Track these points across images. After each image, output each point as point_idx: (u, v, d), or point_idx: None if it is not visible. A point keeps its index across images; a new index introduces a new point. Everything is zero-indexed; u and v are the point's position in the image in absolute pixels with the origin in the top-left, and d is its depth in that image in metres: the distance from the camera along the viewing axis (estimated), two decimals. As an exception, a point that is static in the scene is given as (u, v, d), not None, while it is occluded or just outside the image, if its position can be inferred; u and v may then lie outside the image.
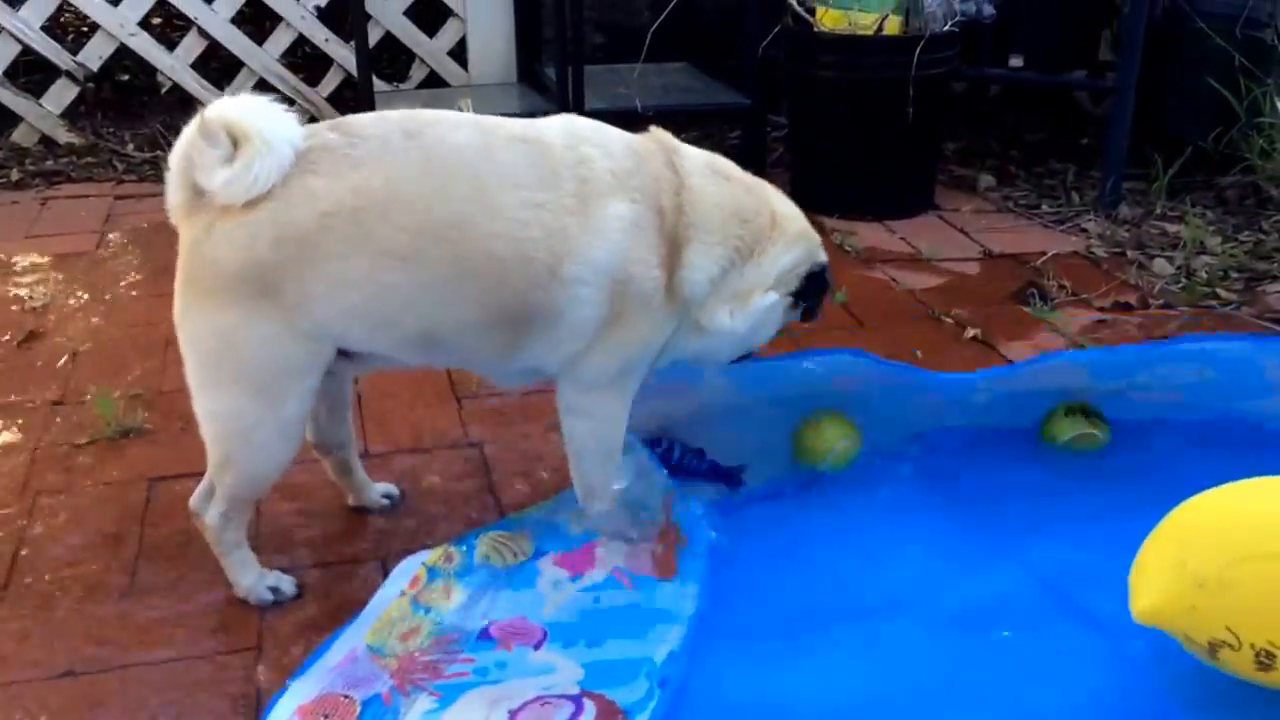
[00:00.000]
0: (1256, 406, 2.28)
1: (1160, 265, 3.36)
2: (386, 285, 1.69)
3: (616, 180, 1.77)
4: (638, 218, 1.76)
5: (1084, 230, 3.68)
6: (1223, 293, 3.19)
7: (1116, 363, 2.30)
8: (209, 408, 1.76)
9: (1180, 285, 3.23)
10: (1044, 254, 3.47)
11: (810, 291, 1.99)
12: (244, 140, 1.62)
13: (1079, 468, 2.24)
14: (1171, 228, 3.65)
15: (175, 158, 1.68)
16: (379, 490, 2.18)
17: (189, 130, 1.65)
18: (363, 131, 1.71)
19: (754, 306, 1.91)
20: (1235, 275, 3.31)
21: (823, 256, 2.01)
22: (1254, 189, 3.88)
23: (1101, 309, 3.09)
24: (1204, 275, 3.30)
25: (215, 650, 1.80)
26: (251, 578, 1.89)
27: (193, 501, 1.88)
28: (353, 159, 1.68)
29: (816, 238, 2.02)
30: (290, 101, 1.69)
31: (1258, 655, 1.57)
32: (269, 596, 1.89)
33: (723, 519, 2.06)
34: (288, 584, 1.92)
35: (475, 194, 1.70)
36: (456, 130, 1.75)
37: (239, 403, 1.73)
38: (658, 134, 1.92)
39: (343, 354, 1.79)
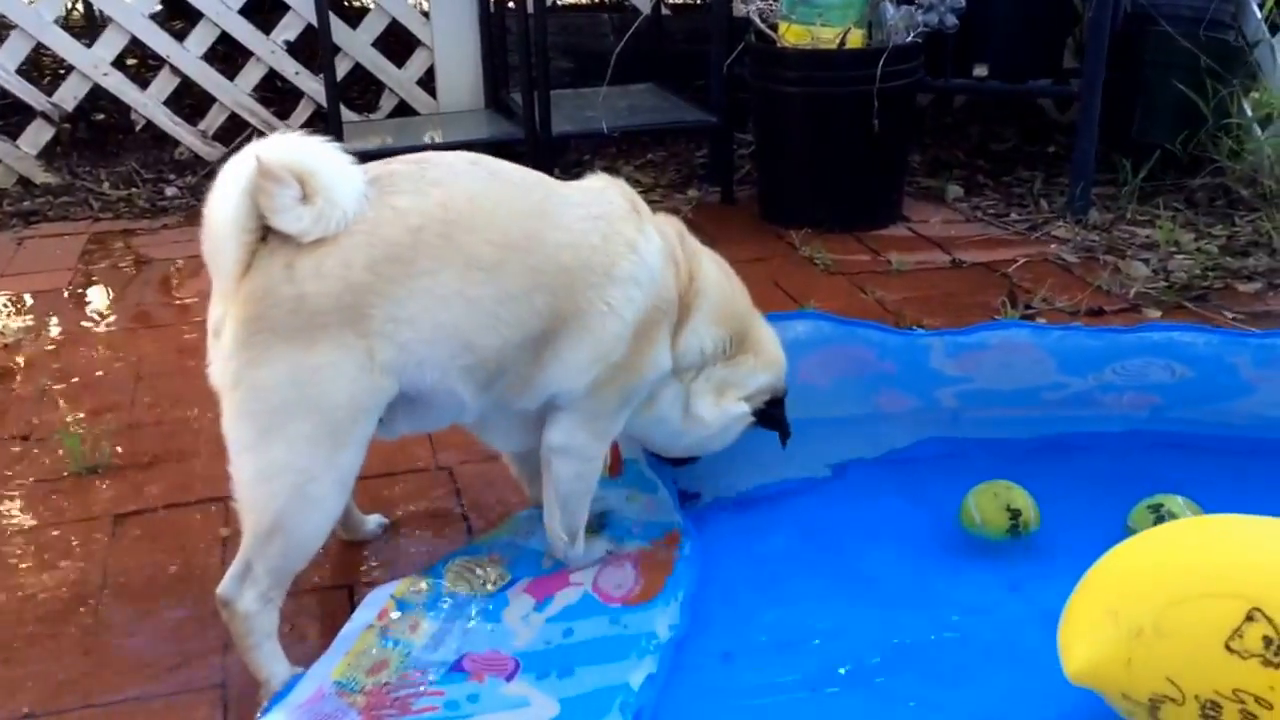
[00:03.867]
0: (1233, 408, 2.27)
1: (1135, 268, 3.38)
2: (472, 299, 1.69)
3: (653, 218, 1.92)
4: (667, 254, 1.88)
5: (1054, 237, 3.69)
6: (1198, 291, 3.21)
7: (1080, 352, 2.25)
8: (262, 465, 1.65)
9: (1156, 287, 3.24)
10: (1014, 261, 3.48)
11: (771, 416, 2.08)
12: (310, 175, 1.59)
13: (1058, 478, 2.21)
14: (1143, 231, 3.67)
15: (231, 213, 1.58)
16: (373, 522, 2.17)
17: (240, 182, 1.57)
18: (428, 158, 1.77)
19: (729, 409, 2.00)
20: (1211, 274, 3.33)
21: (785, 381, 2.09)
22: (1224, 190, 3.90)
23: (1074, 313, 3.10)
24: (1182, 275, 3.31)
25: (179, 689, 1.78)
26: (285, 671, 1.75)
27: (222, 589, 1.70)
28: (430, 179, 1.71)
29: (784, 365, 2.10)
30: (262, 134, 1.66)
31: (1204, 708, 1.46)
32: None
33: (697, 533, 2.07)
34: None
35: (540, 211, 1.78)
36: (508, 163, 1.85)
37: (301, 454, 1.64)
38: (671, 218, 2.01)
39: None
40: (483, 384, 1.79)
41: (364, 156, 1.74)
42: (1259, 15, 3.92)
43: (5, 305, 3.38)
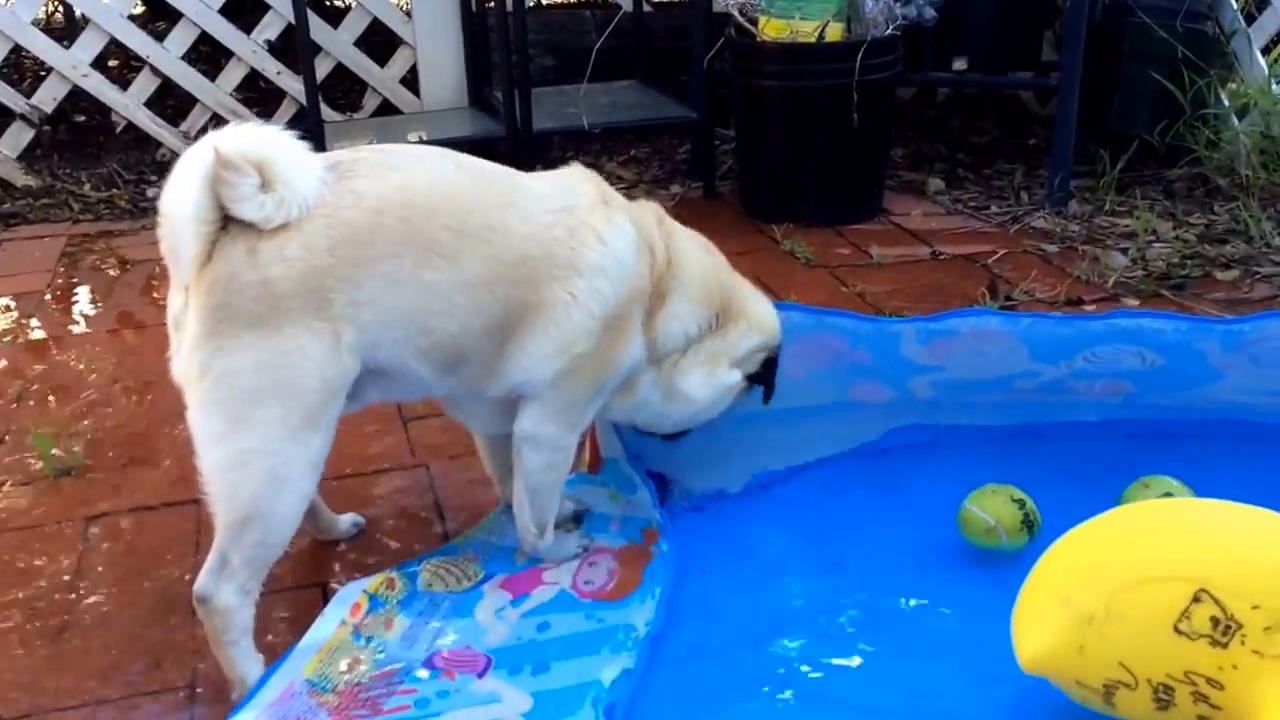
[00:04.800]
0: (1203, 394, 2.27)
1: (1114, 258, 3.39)
2: (429, 284, 1.70)
3: (625, 206, 1.91)
4: (639, 244, 1.87)
5: (1034, 229, 3.70)
6: (1177, 280, 3.22)
7: (1052, 339, 2.25)
8: (233, 452, 1.64)
9: (1134, 276, 3.25)
10: (994, 253, 3.49)
11: (767, 376, 2.06)
12: (269, 164, 1.60)
13: (1032, 469, 2.20)
14: (1122, 221, 3.67)
15: (190, 205, 1.58)
16: (346, 521, 2.17)
17: (199, 174, 1.58)
18: (394, 148, 1.79)
19: (719, 380, 1.99)
20: (1190, 262, 3.34)
21: (779, 340, 2.08)
22: (1202, 180, 3.91)
23: (1053, 303, 3.10)
24: (1160, 264, 3.32)
25: (148, 691, 1.78)
26: (259, 671, 1.74)
27: (199, 586, 1.69)
28: (390, 164, 1.73)
29: (778, 324, 2.09)
30: None
31: (1156, 692, 1.48)
32: None
33: (674, 530, 2.07)
34: None
35: (505, 201, 1.78)
36: (476, 159, 1.85)
37: (276, 439, 1.65)
38: (649, 203, 2.01)
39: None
40: (443, 367, 1.79)
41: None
42: (1235, 6, 3.94)
43: (-16, 308, 3.37)
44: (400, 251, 1.68)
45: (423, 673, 1.76)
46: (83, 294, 3.48)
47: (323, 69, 4.54)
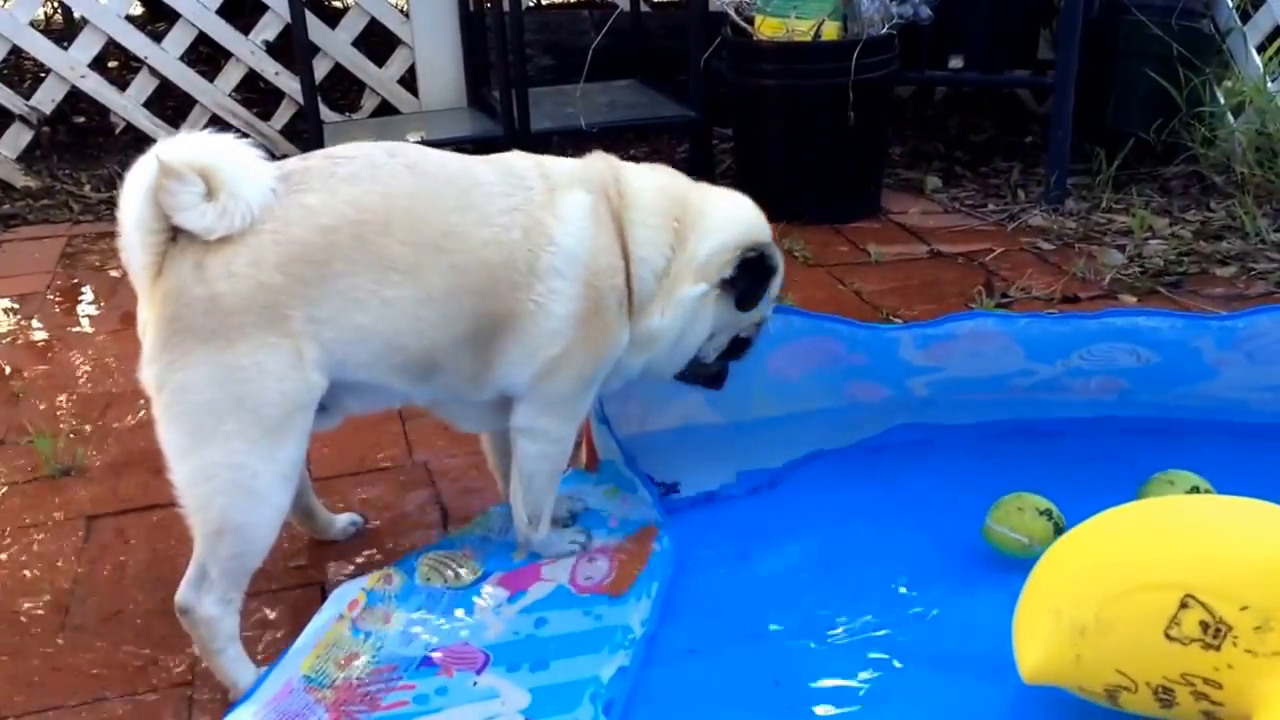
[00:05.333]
0: (1198, 391, 2.28)
1: (1110, 255, 3.40)
2: (390, 301, 1.67)
3: (573, 175, 1.85)
4: (595, 205, 1.81)
5: (1031, 226, 3.71)
6: (1173, 277, 3.23)
7: (1047, 339, 2.24)
8: (199, 466, 1.63)
9: (1130, 273, 3.26)
10: (991, 251, 3.49)
11: (747, 279, 1.90)
12: (214, 171, 1.57)
13: (1028, 466, 2.22)
14: (1118, 219, 3.68)
15: (135, 215, 1.58)
16: (343, 521, 2.17)
17: (144, 183, 1.57)
18: (346, 153, 1.73)
19: (681, 297, 1.86)
20: (1186, 259, 3.35)
21: (759, 238, 1.92)
22: (1198, 177, 3.92)
23: (1050, 301, 3.11)
24: (1157, 261, 3.33)
25: (147, 689, 1.79)
26: (250, 675, 1.74)
27: (180, 597, 1.70)
28: (342, 175, 1.68)
29: (753, 220, 1.94)
30: (244, 135, 1.67)
31: (1156, 693, 1.49)
32: None
33: (671, 527, 2.08)
34: None
35: (464, 203, 1.73)
36: (432, 150, 1.81)
37: (239, 452, 1.63)
38: (598, 156, 1.96)
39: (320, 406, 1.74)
40: (418, 379, 1.78)
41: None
42: (1230, 4, 3.94)
43: (-17, 309, 3.38)
44: (357, 270, 1.65)
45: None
46: (83, 295, 3.49)
47: (321, 69, 4.55)
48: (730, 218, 1.92)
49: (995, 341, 2.24)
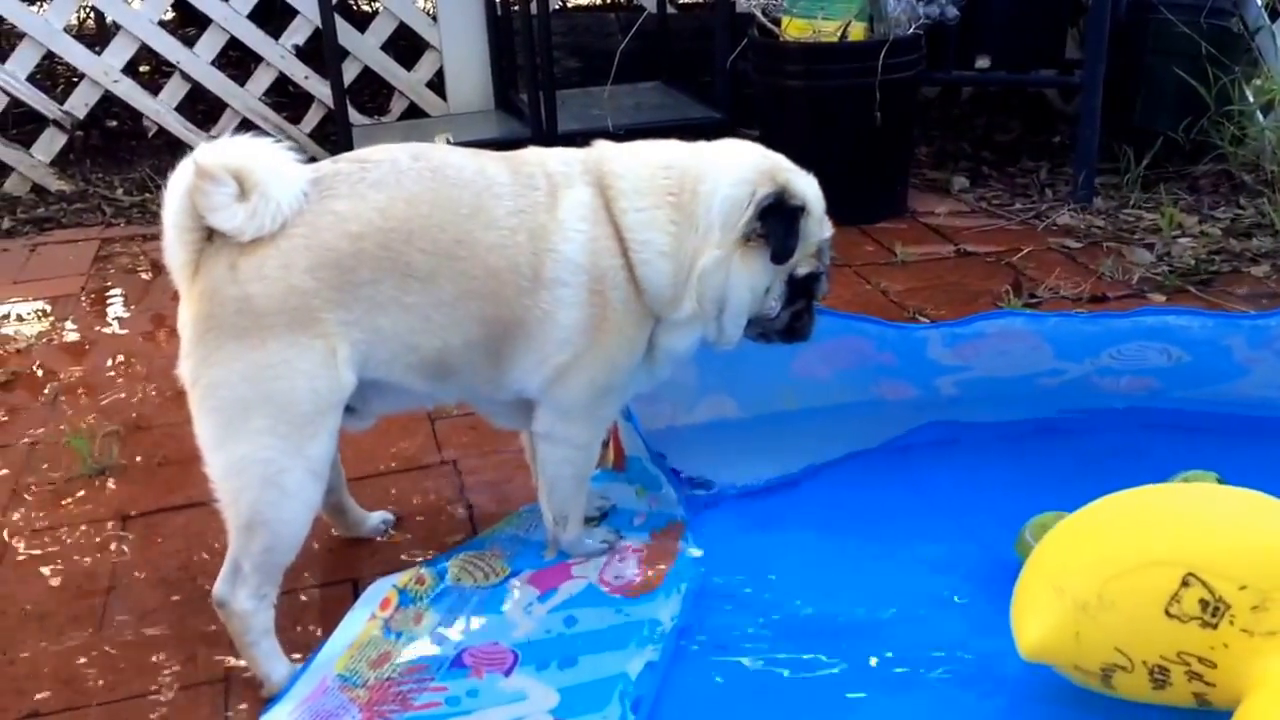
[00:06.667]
0: (1229, 389, 2.27)
1: (1139, 254, 3.38)
2: (408, 306, 1.71)
3: (569, 171, 1.81)
4: (592, 201, 1.78)
5: (1058, 226, 3.69)
6: (1203, 276, 3.21)
7: (1077, 338, 2.24)
8: (231, 461, 1.68)
9: (1159, 272, 3.24)
10: (1019, 251, 3.48)
11: (773, 226, 1.78)
12: (248, 173, 1.61)
13: (1056, 463, 2.22)
14: (1147, 217, 3.66)
15: (173, 215, 1.63)
16: (375, 519, 2.20)
17: (182, 183, 1.62)
18: (371, 157, 1.76)
19: (703, 272, 1.78)
20: (1216, 258, 3.33)
21: (772, 179, 1.79)
22: (1227, 176, 3.90)
23: (1078, 300, 3.10)
24: (1187, 260, 3.31)
25: (184, 685, 1.82)
26: (284, 669, 1.77)
27: (217, 591, 1.74)
28: (369, 181, 1.71)
29: (757, 164, 1.82)
30: (274, 139, 1.70)
31: (1152, 673, 1.52)
32: None
33: (699, 525, 2.09)
34: None
35: (475, 209, 1.74)
36: (453, 151, 1.83)
37: (268, 448, 1.67)
38: (598, 143, 1.91)
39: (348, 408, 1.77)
40: (435, 378, 1.81)
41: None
42: (1260, 2, 3.91)
43: (19, 311, 3.43)
44: (381, 277, 1.69)
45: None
46: (116, 296, 3.53)
47: (350, 73, 4.59)
48: (730, 174, 1.80)
49: (1024, 340, 2.24)
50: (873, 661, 1.80)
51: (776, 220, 1.79)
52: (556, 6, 5.76)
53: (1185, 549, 1.51)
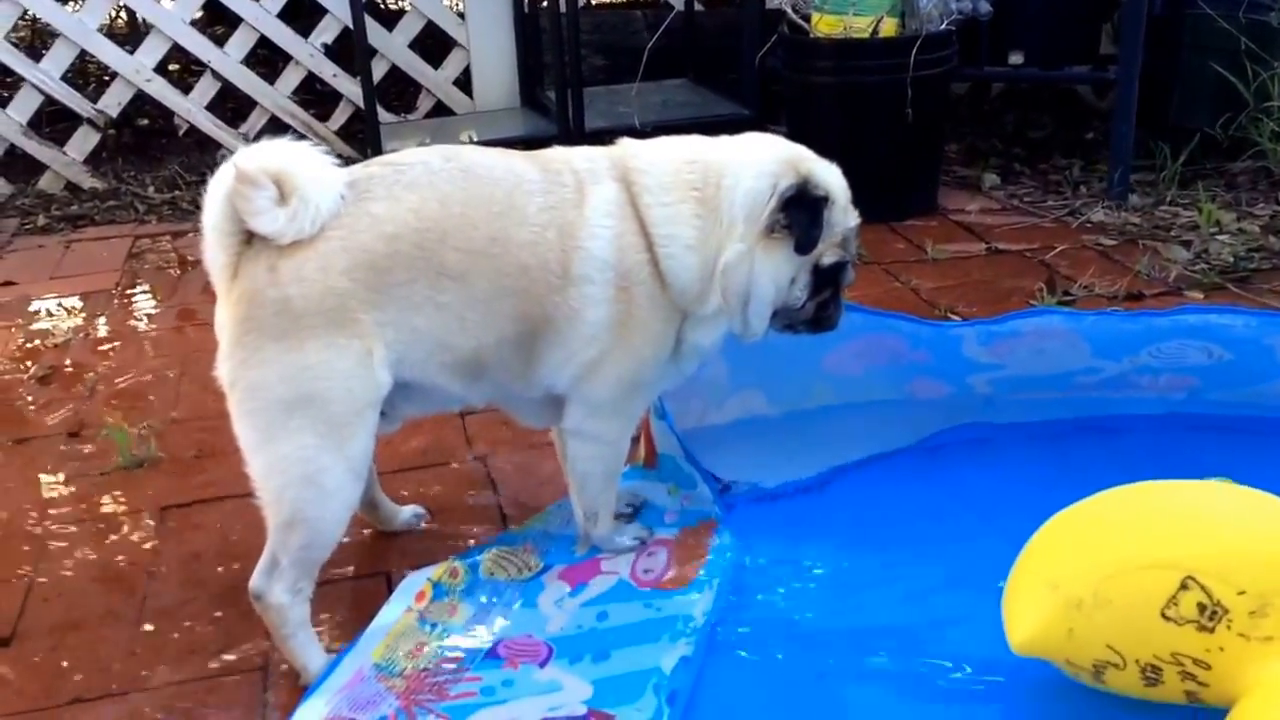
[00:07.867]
0: (1271, 389, 2.24)
1: (1175, 251, 3.34)
2: (442, 305, 1.72)
3: (595, 167, 1.82)
4: (618, 197, 1.79)
5: (1092, 223, 3.66)
6: (1241, 273, 3.17)
7: (1115, 336, 2.22)
8: (272, 460, 1.69)
9: (1197, 269, 3.20)
10: (1052, 248, 3.45)
11: (798, 218, 1.77)
12: (287, 177, 1.63)
13: (1090, 460, 2.19)
14: (1183, 214, 3.62)
15: (213, 218, 1.65)
16: (408, 513, 2.21)
17: (222, 187, 1.64)
18: (405, 159, 1.78)
19: (726, 266, 1.78)
20: (1256, 255, 3.29)
21: (794, 171, 1.79)
22: (1265, 173, 3.84)
23: (1113, 298, 3.07)
24: (1226, 257, 3.27)
25: (221, 673, 1.83)
26: (320, 659, 1.78)
27: (253, 584, 1.76)
28: (404, 182, 1.73)
29: (778, 156, 1.82)
30: (302, 137, 1.72)
31: (1144, 671, 1.51)
32: None
33: (731, 523, 2.08)
34: None
35: (507, 206, 1.75)
36: (483, 151, 1.84)
37: (308, 447, 1.68)
38: (623, 140, 1.92)
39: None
40: (468, 377, 1.82)
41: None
42: (1299, -5, 3.85)
43: (55, 307, 3.46)
44: (416, 278, 1.70)
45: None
46: (149, 292, 3.56)
47: (378, 71, 4.60)
48: (752, 166, 1.79)
49: (1060, 338, 2.22)
50: (900, 660, 1.78)
51: (799, 211, 1.78)
52: (583, 4, 5.77)
53: (1185, 551, 1.49)
